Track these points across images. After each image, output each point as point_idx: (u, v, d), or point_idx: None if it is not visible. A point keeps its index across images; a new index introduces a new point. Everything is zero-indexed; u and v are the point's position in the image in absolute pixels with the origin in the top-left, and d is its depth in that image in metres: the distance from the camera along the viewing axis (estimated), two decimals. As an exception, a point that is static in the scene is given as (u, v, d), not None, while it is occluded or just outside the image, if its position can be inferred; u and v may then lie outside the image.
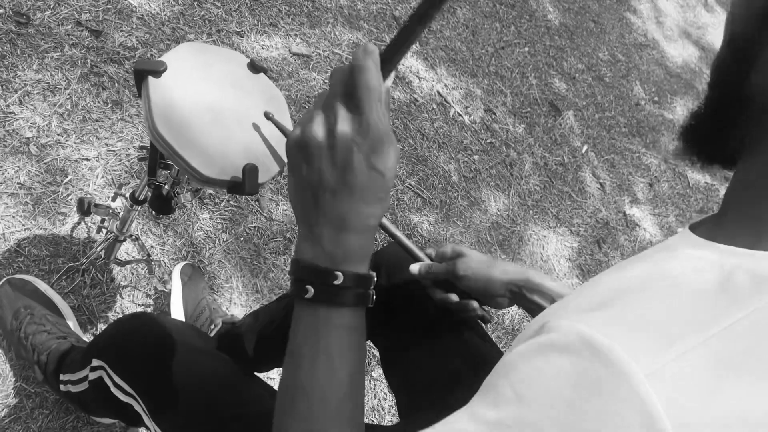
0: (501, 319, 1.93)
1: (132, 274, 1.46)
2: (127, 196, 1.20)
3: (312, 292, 0.56)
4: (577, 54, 3.04)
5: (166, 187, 1.09)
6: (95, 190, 1.49)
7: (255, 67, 1.05)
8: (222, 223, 1.63)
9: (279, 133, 1.00)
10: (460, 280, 0.96)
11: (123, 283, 1.44)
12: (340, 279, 0.56)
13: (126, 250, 1.46)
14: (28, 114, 1.50)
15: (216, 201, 1.64)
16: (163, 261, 1.51)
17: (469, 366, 0.96)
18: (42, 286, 1.29)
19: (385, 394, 1.62)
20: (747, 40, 0.52)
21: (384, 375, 1.13)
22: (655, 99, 3.24)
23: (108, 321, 1.39)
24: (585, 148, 2.68)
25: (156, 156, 1.06)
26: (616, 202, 2.61)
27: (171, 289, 1.43)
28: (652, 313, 0.43)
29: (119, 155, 1.56)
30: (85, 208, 1.23)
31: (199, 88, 0.96)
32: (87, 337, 1.33)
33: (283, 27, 2.09)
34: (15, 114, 1.48)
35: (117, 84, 1.65)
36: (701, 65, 3.73)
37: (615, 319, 0.43)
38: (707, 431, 0.38)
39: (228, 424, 0.83)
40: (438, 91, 2.35)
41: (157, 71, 0.91)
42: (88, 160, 1.52)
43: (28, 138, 1.47)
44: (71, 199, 1.45)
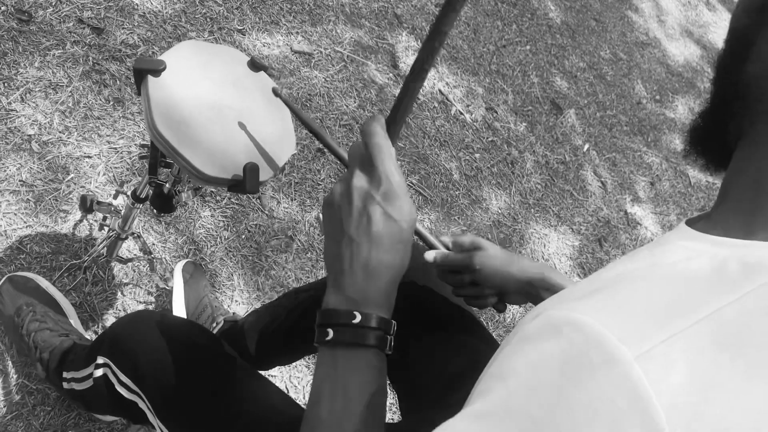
0: (502, 317, 1.93)
1: (134, 271, 1.46)
2: (129, 194, 1.20)
3: (331, 334, 0.60)
4: (579, 52, 3.04)
5: (167, 186, 1.09)
6: (97, 187, 1.49)
7: (255, 66, 1.04)
8: (223, 221, 1.63)
9: (275, 133, 1.00)
10: (475, 273, 0.94)
11: (125, 281, 1.44)
12: (358, 318, 0.60)
13: (128, 247, 1.46)
14: (29, 111, 1.50)
15: (217, 199, 1.64)
16: (165, 259, 1.51)
17: (471, 366, 0.96)
18: (44, 283, 1.29)
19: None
20: (743, 31, 0.52)
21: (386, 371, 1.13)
22: (657, 98, 3.23)
23: (110, 318, 1.39)
24: (586, 146, 2.68)
25: (157, 154, 1.06)
26: (617, 200, 2.61)
27: (173, 287, 1.44)
28: (642, 298, 0.43)
29: (121, 153, 1.56)
30: (88, 205, 1.23)
31: (199, 86, 0.95)
32: (89, 335, 1.33)
33: (285, 25, 2.09)
34: (17, 111, 1.48)
35: (119, 82, 1.65)
36: (703, 64, 3.72)
37: (604, 305, 0.43)
38: (697, 411, 0.38)
39: (232, 420, 0.83)
40: (439, 90, 2.35)
41: (157, 70, 0.91)
42: (89, 157, 1.52)
43: (29, 135, 1.47)
44: (73, 197, 1.45)
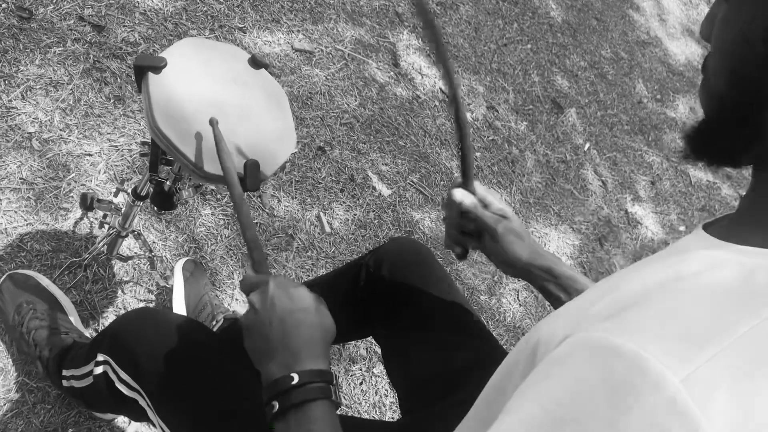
0: (502, 317, 1.93)
1: (134, 269, 1.46)
2: (129, 191, 1.20)
3: (277, 406, 0.65)
4: (580, 51, 3.04)
5: (167, 183, 1.09)
6: (97, 185, 1.49)
7: (256, 63, 1.04)
8: (224, 219, 1.63)
9: (275, 131, 0.99)
10: (493, 238, 0.91)
11: (125, 279, 1.44)
12: (296, 379, 0.66)
13: (128, 245, 1.46)
14: (30, 109, 1.49)
15: (218, 197, 1.64)
16: (165, 257, 1.51)
17: (473, 362, 0.96)
18: (44, 281, 1.29)
19: (387, 390, 1.62)
20: (755, 83, 0.50)
21: (385, 371, 1.13)
22: (658, 97, 3.23)
23: (110, 316, 1.39)
24: (587, 145, 2.67)
25: (157, 152, 1.06)
26: (618, 199, 2.61)
27: (173, 285, 1.44)
28: (675, 317, 0.42)
29: (121, 151, 1.56)
30: (88, 203, 1.23)
31: (200, 83, 0.95)
32: (89, 333, 1.33)
33: (286, 23, 2.09)
34: (17, 109, 1.48)
35: (119, 79, 1.65)
36: (704, 63, 3.72)
37: (640, 326, 0.42)
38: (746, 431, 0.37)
39: (232, 418, 0.83)
40: (440, 88, 2.35)
41: (158, 67, 0.90)
42: (90, 155, 1.52)
43: (30, 133, 1.47)
44: (73, 195, 1.45)
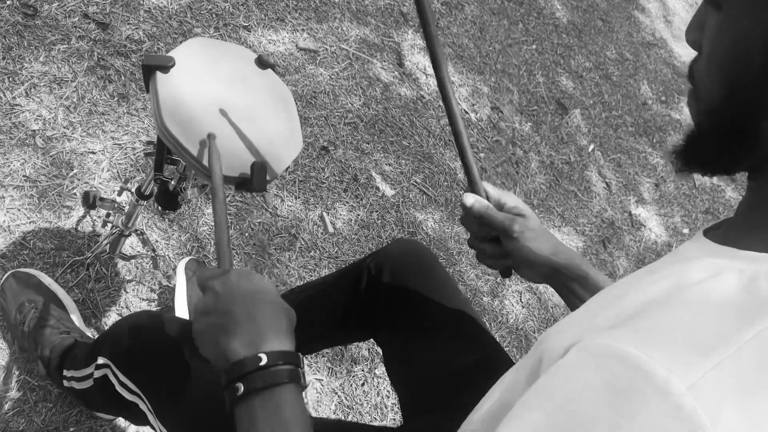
0: (505, 319, 1.93)
1: (137, 268, 1.45)
2: (133, 190, 1.19)
3: (242, 387, 0.59)
4: (585, 52, 3.03)
5: (172, 183, 1.09)
6: (101, 183, 1.49)
7: (263, 63, 1.04)
8: (227, 219, 1.62)
9: (282, 131, 0.99)
10: (510, 238, 0.87)
11: (127, 278, 1.43)
12: (264, 360, 0.60)
13: (131, 244, 1.46)
14: (34, 106, 1.49)
15: (221, 196, 1.64)
16: (168, 256, 1.50)
17: (476, 366, 0.95)
18: (46, 280, 1.29)
19: (388, 392, 1.62)
20: (752, 93, 0.49)
21: (387, 373, 1.12)
22: (663, 98, 3.22)
23: (112, 315, 1.38)
24: (591, 147, 2.67)
25: (163, 151, 1.05)
26: (621, 201, 2.60)
27: (175, 284, 1.43)
28: (679, 326, 0.42)
29: (125, 149, 1.56)
30: (91, 201, 1.23)
31: (207, 83, 0.95)
32: (91, 332, 1.32)
33: (291, 22, 2.08)
34: (21, 106, 1.48)
35: (123, 77, 1.64)
36: (709, 65, 3.71)
37: (646, 333, 0.42)
38: None
39: (232, 422, 0.83)
40: (445, 88, 2.34)
41: (166, 66, 0.90)
42: (93, 153, 1.51)
43: (34, 130, 1.46)
44: (76, 193, 1.45)
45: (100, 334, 1.30)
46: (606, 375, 0.40)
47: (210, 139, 0.87)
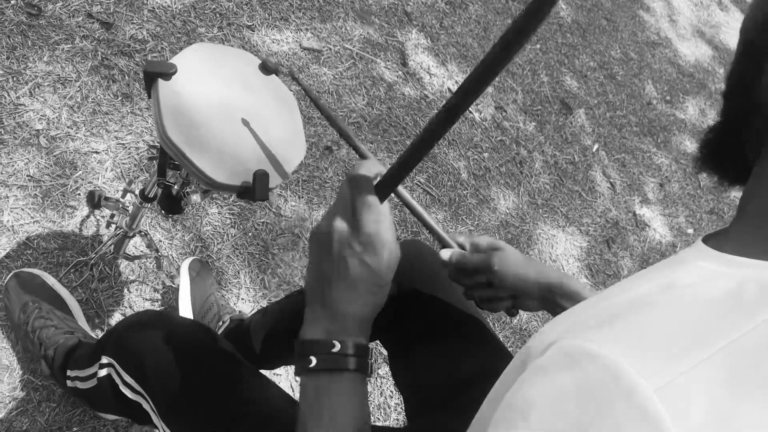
0: (508, 319, 1.92)
1: (140, 268, 1.45)
2: (137, 193, 1.19)
3: (315, 361, 0.63)
4: (589, 52, 3.02)
5: (175, 187, 1.08)
6: (104, 183, 1.49)
7: (267, 69, 1.03)
8: (230, 219, 1.62)
9: (285, 138, 0.99)
10: (493, 275, 0.91)
11: (131, 278, 1.43)
12: (337, 347, 0.64)
13: (134, 244, 1.46)
14: (38, 106, 1.49)
15: (225, 196, 1.64)
16: (172, 256, 1.50)
17: (479, 370, 0.95)
18: (50, 280, 1.29)
19: (392, 392, 1.62)
20: (758, 45, 0.51)
21: (391, 374, 1.12)
22: (667, 98, 3.21)
23: (116, 315, 1.38)
24: (596, 147, 2.66)
25: (166, 157, 1.05)
26: (626, 201, 2.59)
27: (179, 285, 1.43)
28: (658, 327, 0.42)
29: (129, 149, 1.56)
30: (95, 201, 1.23)
31: (210, 90, 0.94)
32: (95, 332, 1.32)
33: (294, 21, 2.08)
34: (25, 106, 1.48)
35: (127, 77, 1.64)
36: (714, 64, 3.69)
37: (621, 334, 0.42)
38: None
39: (236, 422, 0.83)
40: (449, 88, 2.34)
41: (167, 73, 0.89)
42: (97, 153, 1.51)
43: (37, 130, 1.46)
44: (80, 193, 1.45)
45: (103, 333, 1.30)
46: (576, 375, 0.40)
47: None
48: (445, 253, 0.94)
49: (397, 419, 1.60)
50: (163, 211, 1.11)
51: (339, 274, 0.64)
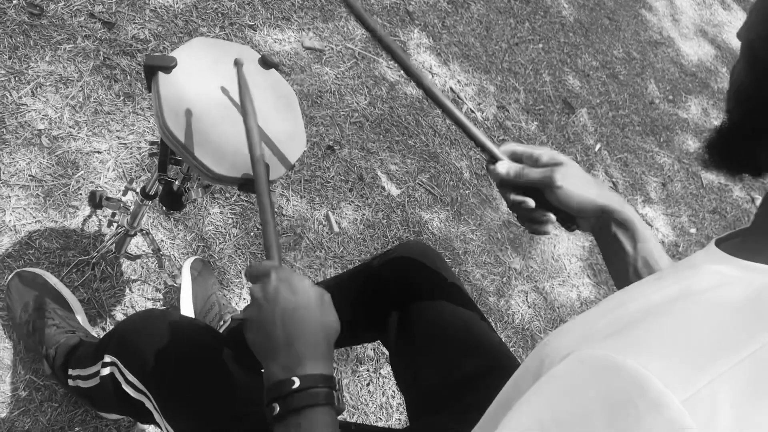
0: (511, 319, 1.92)
1: (142, 268, 1.45)
2: (138, 190, 1.19)
3: (278, 408, 0.64)
4: (592, 51, 3.01)
5: (176, 183, 1.08)
6: (106, 183, 1.49)
7: (266, 63, 1.03)
8: (232, 218, 1.62)
9: (286, 131, 0.98)
10: (554, 191, 0.82)
11: (133, 277, 1.43)
12: (297, 383, 0.64)
13: (136, 244, 1.46)
14: (40, 106, 1.49)
15: (226, 195, 1.64)
16: (173, 255, 1.50)
17: (479, 370, 0.95)
18: (52, 279, 1.29)
19: (394, 392, 1.61)
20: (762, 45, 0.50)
21: (393, 374, 1.12)
22: (670, 98, 3.20)
23: (117, 315, 1.38)
24: (598, 146, 2.65)
25: (166, 151, 1.05)
26: (628, 201, 2.58)
27: (181, 284, 1.43)
28: (679, 336, 0.41)
29: (130, 148, 1.56)
30: (97, 200, 1.23)
31: (210, 84, 0.95)
32: (96, 332, 1.32)
33: (296, 21, 2.08)
34: (27, 106, 1.48)
35: (129, 76, 1.65)
36: (717, 64, 3.68)
37: (644, 343, 0.41)
38: None
39: (238, 422, 0.83)
40: (451, 87, 2.33)
41: (168, 67, 0.90)
42: (99, 152, 1.51)
43: (40, 130, 1.47)
44: (82, 192, 1.45)
45: (105, 333, 1.30)
46: (601, 388, 0.39)
47: (237, 66, 0.91)
48: (502, 167, 0.85)
49: (399, 419, 1.60)
50: (165, 208, 1.11)
51: (272, 310, 0.68)
